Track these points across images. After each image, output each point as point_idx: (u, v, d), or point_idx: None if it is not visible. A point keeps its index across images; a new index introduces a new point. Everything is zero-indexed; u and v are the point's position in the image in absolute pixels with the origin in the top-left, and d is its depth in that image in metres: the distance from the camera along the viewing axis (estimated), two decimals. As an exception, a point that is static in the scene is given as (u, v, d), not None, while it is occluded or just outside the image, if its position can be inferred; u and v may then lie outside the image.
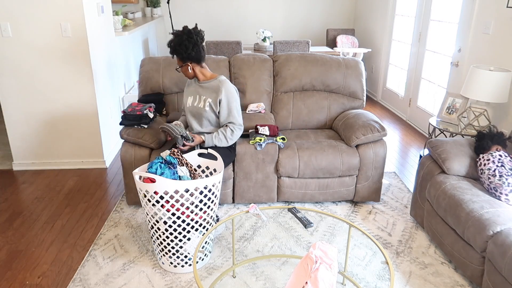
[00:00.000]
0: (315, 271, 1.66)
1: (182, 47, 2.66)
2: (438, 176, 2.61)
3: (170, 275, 2.40)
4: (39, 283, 2.35)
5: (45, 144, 3.75)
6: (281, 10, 7.10)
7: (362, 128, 3.01)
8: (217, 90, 2.73)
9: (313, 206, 3.19)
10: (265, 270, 2.46)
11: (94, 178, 3.64)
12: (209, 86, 2.78)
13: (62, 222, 2.95)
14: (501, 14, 3.45)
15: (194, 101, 2.81)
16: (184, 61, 2.72)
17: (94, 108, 3.68)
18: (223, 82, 2.76)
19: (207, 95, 2.77)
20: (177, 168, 2.36)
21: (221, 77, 2.79)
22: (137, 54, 5.67)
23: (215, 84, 2.76)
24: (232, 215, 2.22)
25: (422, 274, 2.44)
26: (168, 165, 2.32)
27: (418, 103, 4.99)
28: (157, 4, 6.80)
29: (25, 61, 3.48)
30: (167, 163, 2.32)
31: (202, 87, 2.80)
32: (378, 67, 6.17)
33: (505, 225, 2.08)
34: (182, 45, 2.66)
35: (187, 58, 2.70)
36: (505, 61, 3.41)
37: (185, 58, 2.70)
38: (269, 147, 2.94)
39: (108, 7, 4.11)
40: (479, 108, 3.39)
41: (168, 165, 2.32)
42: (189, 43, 2.66)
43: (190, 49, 2.67)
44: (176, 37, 2.67)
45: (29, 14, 3.36)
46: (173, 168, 2.31)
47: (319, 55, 3.51)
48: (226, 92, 2.73)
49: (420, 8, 4.91)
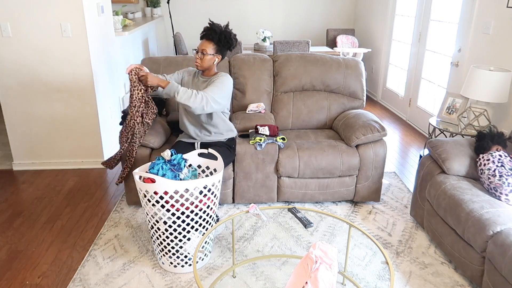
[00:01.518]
0: (315, 271, 1.66)
1: (229, 41, 2.71)
2: (438, 176, 2.61)
3: (170, 275, 2.40)
4: (39, 283, 2.35)
5: (45, 144, 3.75)
6: (281, 10, 7.10)
7: (362, 128, 3.01)
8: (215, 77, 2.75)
9: (313, 206, 3.19)
10: (265, 270, 2.46)
11: (94, 178, 3.64)
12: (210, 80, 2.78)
13: (62, 222, 2.95)
14: (501, 14, 3.45)
15: None
16: (218, 52, 2.73)
17: (94, 108, 3.68)
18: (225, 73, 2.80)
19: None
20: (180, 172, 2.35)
21: (222, 73, 2.81)
22: (137, 54, 5.67)
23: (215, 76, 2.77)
24: (232, 215, 2.22)
25: (422, 274, 2.44)
26: (171, 167, 2.31)
27: (418, 103, 4.99)
28: (157, 4, 6.81)
29: (25, 61, 3.48)
30: (169, 164, 2.32)
31: (204, 82, 2.79)
32: (378, 67, 6.17)
33: (505, 225, 2.08)
34: (231, 39, 2.72)
35: (222, 52, 2.74)
36: (505, 61, 3.41)
37: (221, 51, 2.74)
38: (269, 147, 2.94)
39: (108, 7, 4.11)
40: (479, 108, 3.39)
41: (171, 167, 2.31)
42: (235, 42, 2.74)
43: (232, 47, 2.74)
44: (226, 28, 2.71)
45: (29, 14, 3.36)
46: (175, 171, 2.31)
47: (319, 55, 3.51)
48: (224, 77, 2.74)
49: (420, 8, 4.91)
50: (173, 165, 2.33)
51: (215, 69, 2.81)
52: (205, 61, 2.71)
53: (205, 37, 2.72)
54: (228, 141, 2.88)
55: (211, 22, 2.73)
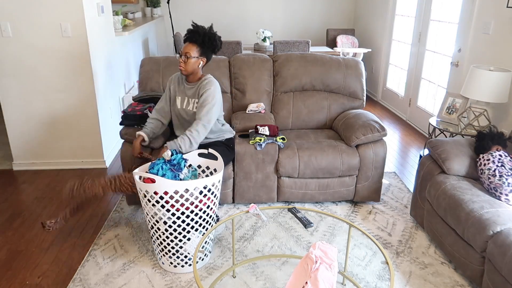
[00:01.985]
0: (315, 271, 1.66)
1: (213, 42, 2.64)
2: (438, 176, 2.61)
3: (170, 275, 2.40)
4: (39, 283, 2.35)
5: (45, 144, 3.75)
6: (281, 10, 7.10)
7: (362, 128, 3.01)
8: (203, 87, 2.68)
9: (313, 206, 3.19)
10: (265, 270, 2.46)
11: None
12: (197, 87, 2.72)
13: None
14: (501, 14, 3.45)
15: (183, 103, 2.78)
16: (202, 55, 2.66)
17: (94, 108, 3.68)
18: (210, 79, 2.71)
19: (194, 97, 2.74)
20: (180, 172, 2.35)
21: (208, 75, 2.74)
22: (137, 54, 5.67)
23: (203, 83, 2.70)
24: (232, 215, 2.22)
25: (422, 274, 2.44)
26: (171, 167, 2.31)
27: (418, 103, 4.99)
28: (157, 4, 6.81)
29: (25, 61, 3.48)
30: (169, 164, 2.32)
31: (189, 89, 2.75)
32: (378, 67, 6.17)
33: (505, 225, 2.08)
34: (215, 40, 2.65)
35: (206, 54, 2.68)
36: (505, 61, 3.41)
37: (206, 53, 2.67)
38: (269, 147, 2.94)
39: (108, 7, 4.11)
40: (479, 108, 3.39)
41: (171, 167, 2.31)
42: (219, 44, 2.67)
43: (217, 49, 2.67)
44: (211, 30, 2.64)
45: (29, 14, 3.36)
46: (175, 171, 2.31)
47: (319, 55, 3.51)
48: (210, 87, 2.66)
49: (420, 8, 4.91)
50: (173, 165, 2.33)
51: (200, 73, 2.74)
52: (189, 64, 2.64)
53: (188, 40, 2.64)
54: (227, 141, 2.88)
55: (194, 24, 2.65)
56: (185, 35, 2.66)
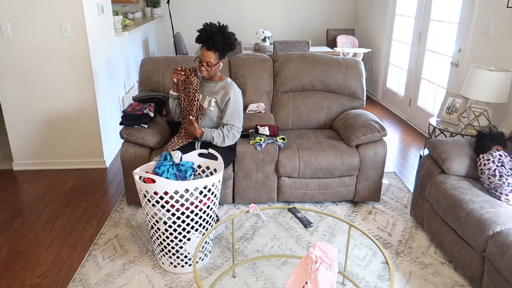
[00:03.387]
0: (315, 271, 1.66)
1: (232, 46, 2.63)
2: (438, 176, 2.61)
3: (170, 275, 2.40)
4: (39, 283, 2.35)
5: (45, 144, 3.75)
6: (281, 10, 7.10)
7: (362, 128, 3.01)
8: (225, 90, 2.75)
9: (313, 206, 3.19)
10: (265, 270, 2.46)
11: (94, 178, 3.64)
12: (217, 86, 2.79)
13: (62, 222, 2.95)
14: (501, 14, 3.45)
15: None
16: (222, 58, 2.68)
17: (94, 108, 3.68)
18: (232, 83, 2.79)
19: (213, 95, 2.78)
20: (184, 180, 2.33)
21: (228, 79, 2.82)
22: (137, 54, 5.67)
23: (223, 85, 2.78)
24: (232, 215, 2.22)
25: (422, 274, 2.44)
26: (177, 172, 2.30)
27: (418, 103, 4.99)
28: (157, 4, 6.80)
29: (25, 61, 3.48)
30: (176, 168, 2.31)
31: (208, 87, 2.80)
32: (378, 67, 6.17)
33: (505, 225, 2.08)
34: (233, 44, 2.63)
35: (225, 56, 2.70)
36: (505, 61, 3.41)
37: (224, 55, 2.69)
38: (269, 147, 2.94)
39: (108, 7, 4.11)
40: (479, 108, 3.39)
41: (177, 172, 2.30)
42: (236, 43, 2.66)
43: (233, 46, 2.65)
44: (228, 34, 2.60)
45: (29, 14, 3.36)
46: (179, 178, 2.30)
47: (319, 55, 3.51)
48: (235, 93, 2.75)
49: (420, 8, 4.91)
50: (179, 171, 2.32)
51: (218, 73, 2.83)
52: (212, 71, 2.70)
53: (207, 48, 2.60)
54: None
55: (208, 27, 2.59)
56: (201, 40, 2.61)
